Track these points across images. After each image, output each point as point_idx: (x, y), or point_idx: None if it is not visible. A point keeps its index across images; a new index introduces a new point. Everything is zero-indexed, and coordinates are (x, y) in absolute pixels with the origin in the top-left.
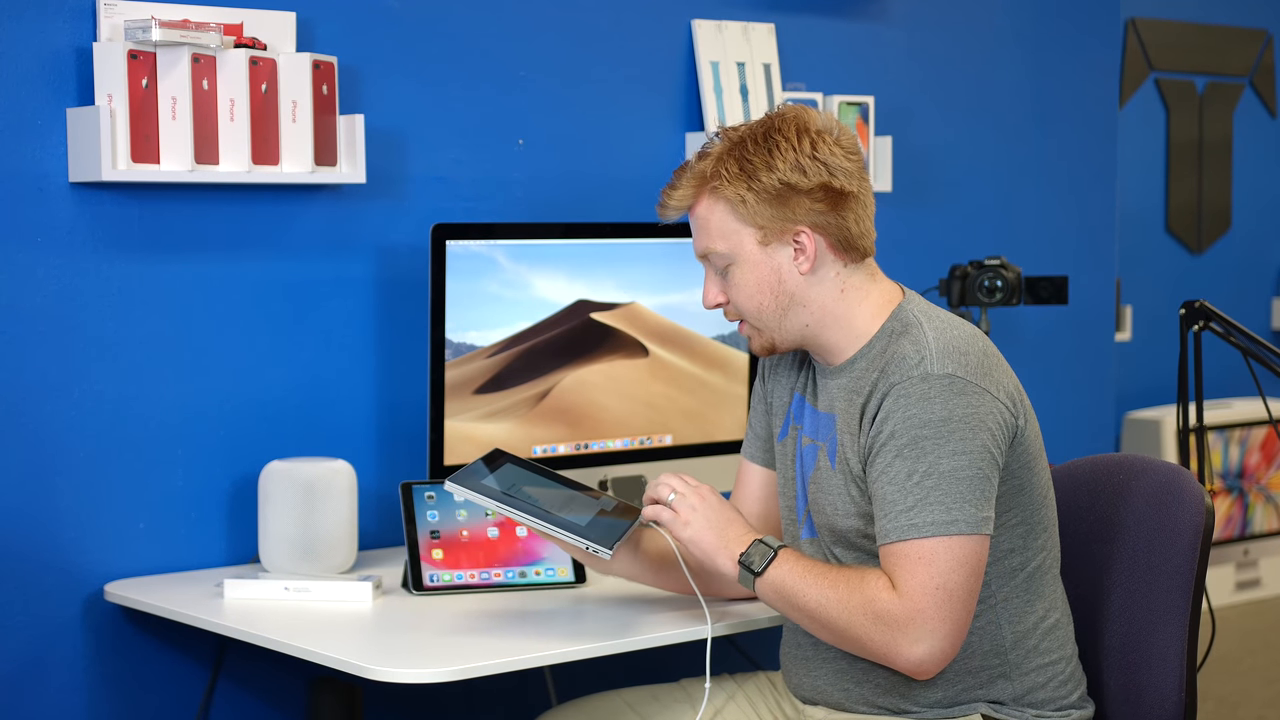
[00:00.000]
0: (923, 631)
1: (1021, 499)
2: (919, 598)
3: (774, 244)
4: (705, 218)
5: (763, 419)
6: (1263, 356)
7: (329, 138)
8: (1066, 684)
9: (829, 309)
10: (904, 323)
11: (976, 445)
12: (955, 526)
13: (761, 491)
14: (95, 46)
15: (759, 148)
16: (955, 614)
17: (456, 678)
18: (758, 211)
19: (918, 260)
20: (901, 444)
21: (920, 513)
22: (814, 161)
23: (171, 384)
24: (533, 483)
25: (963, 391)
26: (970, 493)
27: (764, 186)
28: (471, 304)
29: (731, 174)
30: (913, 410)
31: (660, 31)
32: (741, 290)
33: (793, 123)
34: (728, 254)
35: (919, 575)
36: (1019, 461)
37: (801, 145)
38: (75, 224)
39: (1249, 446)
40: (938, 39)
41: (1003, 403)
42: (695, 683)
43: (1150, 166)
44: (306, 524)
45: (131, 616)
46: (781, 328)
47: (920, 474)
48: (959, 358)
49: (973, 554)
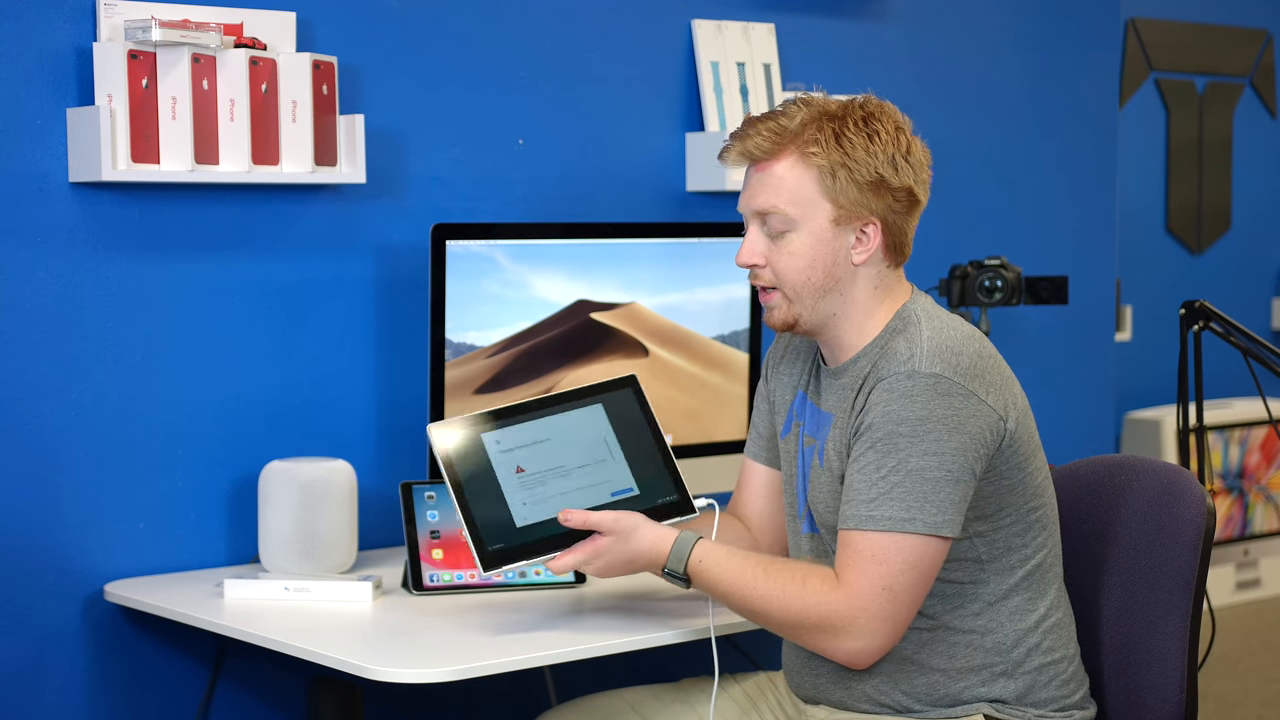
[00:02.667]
0: (864, 630)
1: (1014, 498)
2: (865, 596)
3: (844, 225)
4: (783, 176)
5: (765, 418)
6: (1263, 356)
7: (329, 138)
8: (1069, 683)
9: (859, 303)
10: (904, 320)
11: (951, 447)
12: (912, 525)
13: (764, 490)
14: (95, 46)
15: (859, 130)
16: (897, 614)
17: (456, 678)
18: (844, 190)
19: (918, 260)
20: (877, 437)
21: (880, 506)
22: (906, 162)
23: (171, 384)
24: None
25: (946, 393)
26: (933, 494)
27: (859, 168)
28: (471, 304)
29: (828, 143)
30: (893, 406)
31: (660, 31)
32: (794, 260)
33: (891, 117)
34: (794, 219)
35: (869, 573)
36: (1009, 463)
37: (900, 142)
38: (75, 224)
39: (1249, 446)
40: (937, 39)
41: (990, 406)
42: (695, 683)
43: (1150, 166)
44: (306, 524)
45: (131, 616)
46: (815, 307)
47: (889, 469)
48: (950, 358)
49: (924, 556)
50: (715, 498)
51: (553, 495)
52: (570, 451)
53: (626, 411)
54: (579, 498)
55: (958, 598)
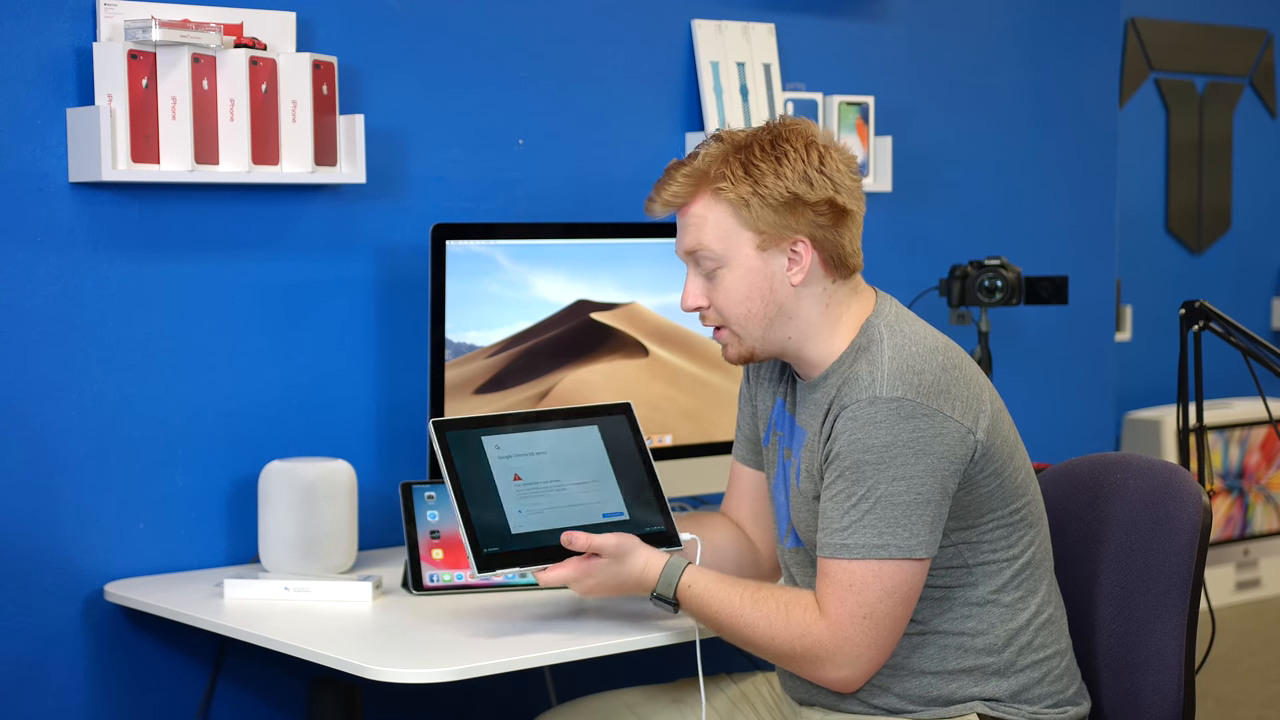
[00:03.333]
0: (849, 658)
1: (994, 503)
2: (846, 626)
3: (770, 250)
4: (702, 216)
5: (749, 421)
6: (1263, 356)
7: (329, 138)
8: (1062, 679)
9: (813, 322)
10: (868, 338)
11: (919, 470)
12: (886, 551)
13: (753, 493)
14: (95, 46)
15: (766, 154)
16: (881, 640)
17: (456, 678)
18: (760, 216)
19: (918, 260)
20: (845, 465)
21: (853, 534)
22: (821, 175)
23: (171, 384)
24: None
25: (910, 415)
26: (905, 518)
27: (770, 192)
28: (471, 304)
29: (736, 176)
30: (858, 435)
31: (660, 31)
32: (730, 294)
33: (800, 134)
34: (721, 255)
35: (848, 603)
36: (984, 472)
37: (810, 157)
38: (75, 224)
39: (1249, 446)
40: (938, 39)
41: (957, 421)
42: (694, 683)
43: (1150, 166)
44: (306, 524)
45: (131, 616)
46: (765, 337)
47: (859, 497)
48: (911, 378)
49: (902, 581)
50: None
51: (547, 508)
52: (567, 468)
53: (620, 436)
54: (572, 514)
55: (945, 602)
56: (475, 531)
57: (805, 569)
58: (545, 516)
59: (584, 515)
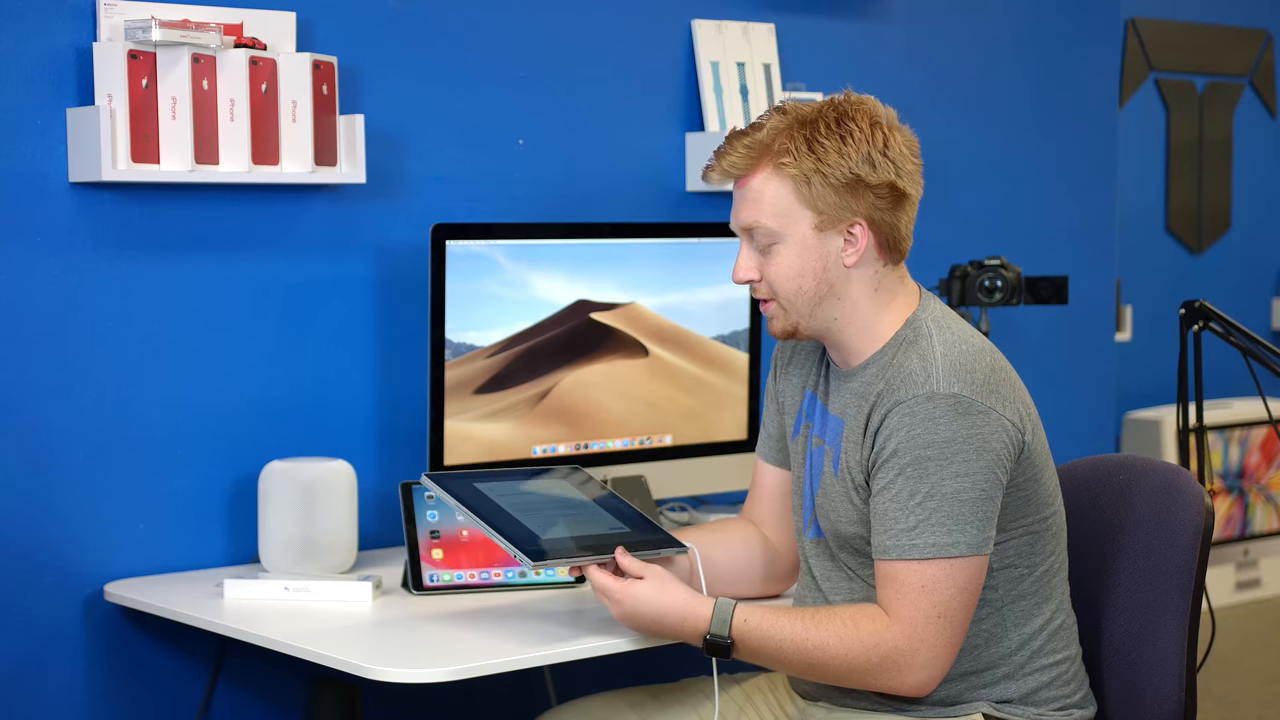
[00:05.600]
0: (926, 661)
1: (1027, 509)
2: (922, 627)
3: (828, 231)
4: (760, 190)
5: (775, 418)
6: (1263, 356)
7: (329, 138)
8: (1070, 683)
9: (860, 306)
10: (916, 331)
11: (980, 466)
12: (956, 549)
13: (775, 491)
14: (95, 46)
15: (831, 132)
16: (955, 638)
17: (456, 678)
18: (821, 195)
19: (918, 260)
20: (905, 463)
21: (921, 534)
22: (884, 157)
23: (171, 384)
24: (562, 505)
25: (968, 412)
26: (972, 514)
27: (833, 171)
28: (471, 304)
29: (800, 151)
30: (917, 430)
31: (660, 31)
32: (783, 270)
33: (866, 113)
34: (777, 231)
35: (921, 605)
36: (1024, 475)
37: (875, 138)
38: (75, 224)
39: (1249, 446)
40: (938, 39)
41: (1009, 420)
42: (695, 683)
43: (1150, 166)
44: (306, 524)
45: (131, 616)
46: (812, 315)
47: (923, 494)
48: (966, 376)
49: (972, 576)
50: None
51: (561, 523)
52: (556, 504)
53: (581, 479)
54: (586, 527)
55: None
56: (511, 539)
57: (823, 560)
58: (563, 527)
59: (595, 528)
